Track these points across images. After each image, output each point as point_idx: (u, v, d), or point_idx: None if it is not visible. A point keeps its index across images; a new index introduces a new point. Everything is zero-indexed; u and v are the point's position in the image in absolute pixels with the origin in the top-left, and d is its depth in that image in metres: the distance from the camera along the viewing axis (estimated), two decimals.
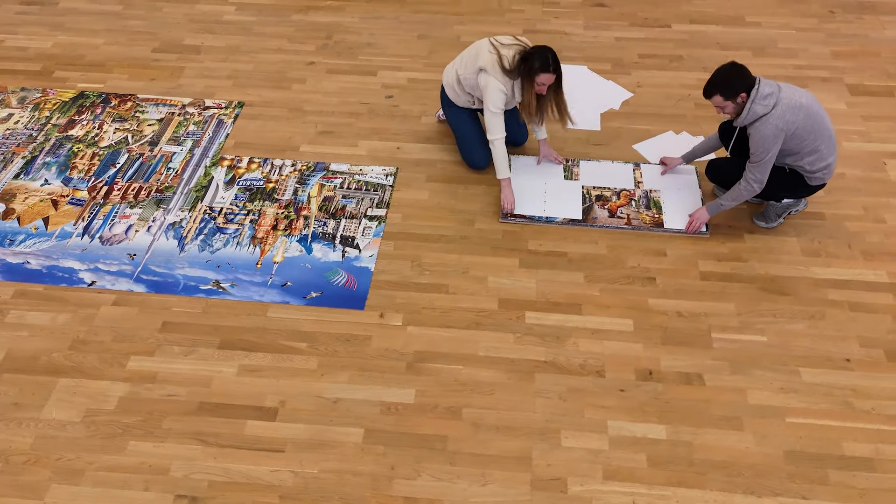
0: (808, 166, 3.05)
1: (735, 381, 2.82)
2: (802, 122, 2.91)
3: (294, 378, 2.85)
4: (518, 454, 2.61)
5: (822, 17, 4.72)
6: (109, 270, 3.27)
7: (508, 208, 3.43)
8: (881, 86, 4.17)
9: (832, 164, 3.08)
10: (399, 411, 2.75)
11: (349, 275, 3.24)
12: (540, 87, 3.25)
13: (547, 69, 3.17)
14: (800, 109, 2.91)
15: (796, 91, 2.97)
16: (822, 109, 3.02)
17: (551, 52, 3.21)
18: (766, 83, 2.93)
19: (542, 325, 3.02)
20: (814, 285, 3.15)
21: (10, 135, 3.96)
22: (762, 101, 2.90)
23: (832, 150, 3.05)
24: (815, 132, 2.96)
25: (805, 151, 3.00)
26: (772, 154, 2.96)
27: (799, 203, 3.31)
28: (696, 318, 3.04)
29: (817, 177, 3.09)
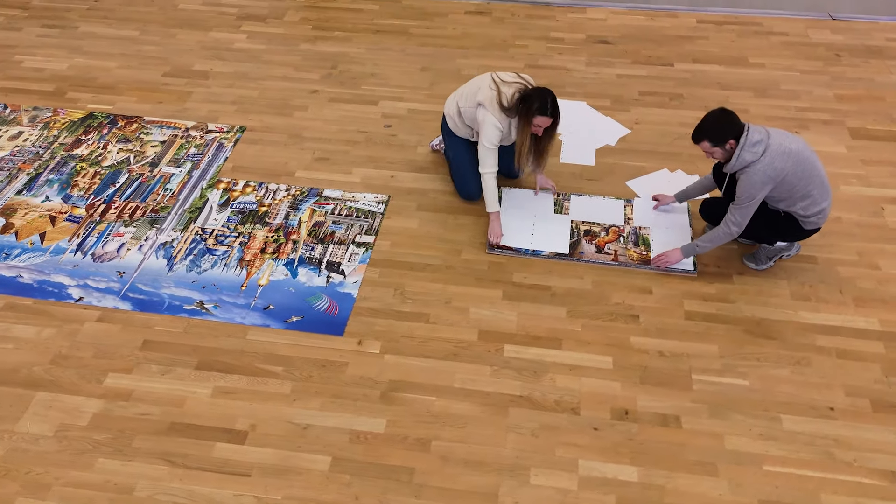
0: (801, 211, 3.00)
1: (713, 425, 2.75)
2: (792, 168, 2.87)
3: (267, 402, 2.85)
4: (485, 490, 2.57)
5: (827, 60, 4.70)
6: (97, 287, 3.31)
7: (495, 241, 3.43)
8: (884, 130, 4.12)
9: (826, 209, 3.03)
10: (368, 440, 2.72)
11: (331, 300, 3.25)
12: (536, 129, 3.27)
13: (545, 113, 3.17)
14: (789, 156, 2.87)
15: (786, 137, 2.93)
16: (813, 155, 2.98)
17: (551, 95, 3.20)
18: (755, 129, 2.89)
19: (520, 359, 2.99)
20: (801, 330, 3.08)
21: (18, 152, 4.07)
22: (751, 149, 2.86)
23: (826, 195, 3.00)
24: (806, 178, 2.92)
25: (797, 197, 2.96)
26: (757, 200, 2.93)
27: (791, 247, 3.26)
28: (677, 358, 2.98)
29: (811, 221, 3.04)
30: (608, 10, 5.23)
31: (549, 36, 4.96)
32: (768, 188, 2.90)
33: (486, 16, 5.20)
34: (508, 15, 5.20)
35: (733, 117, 2.93)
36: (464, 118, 3.52)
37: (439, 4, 5.34)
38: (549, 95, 3.20)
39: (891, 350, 2.99)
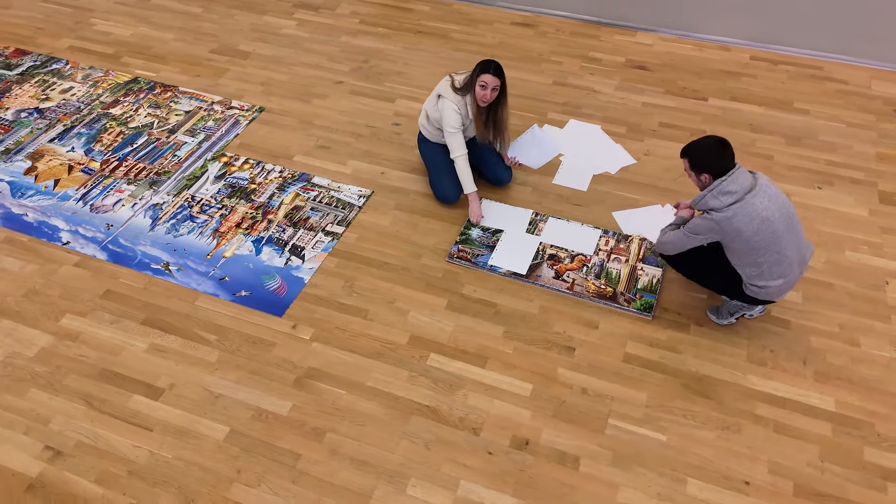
0: (745, 275, 2.80)
1: (612, 473, 2.61)
2: (750, 234, 2.64)
3: (191, 366, 2.98)
4: (360, 490, 2.57)
5: (881, 115, 4.30)
6: (85, 235, 3.58)
7: (475, 221, 3.52)
8: None
9: (773, 289, 2.76)
10: (268, 420, 2.79)
11: (283, 282, 3.35)
12: (482, 94, 3.34)
13: (488, 70, 3.31)
14: (754, 221, 2.63)
15: (768, 201, 2.65)
16: (784, 230, 2.67)
17: (493, 61, 3.36)
18: (736, 178, 2.66)
19: (441, 370, 2.96)
20: (744, 395, 2.85)
21: (64, 104, 4.46)
22: (719, 196, 2.67)
23: (780, 276, 2.73)
24: (760, 250, 2.68)
25: (746, 261, 2.75)
26: (699, 239, 2.79)
27: (752, 309, 3.02)
28: (599, 399, 2.85)
29: (752, 290, 2.81)
30: (658, 36, 5.03)
31: (587, 55, 4.84)
32: (711, 237, 2.76)
33: (531, 28, 5.14)
34: (553, 30, 5.12)
35: (726, 153, 2.71)
36: (432, 121, 3.63)
37: (488, 12, 5.33)
38: (490, 61, 3.36)
39: (838, 435, 2.72)
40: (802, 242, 2.81)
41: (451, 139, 3.47)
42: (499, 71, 3.35)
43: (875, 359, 2.98)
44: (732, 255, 2.80)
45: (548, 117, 4.31)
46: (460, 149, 3.48)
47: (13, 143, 4.14)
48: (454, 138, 3.47)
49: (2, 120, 4.32)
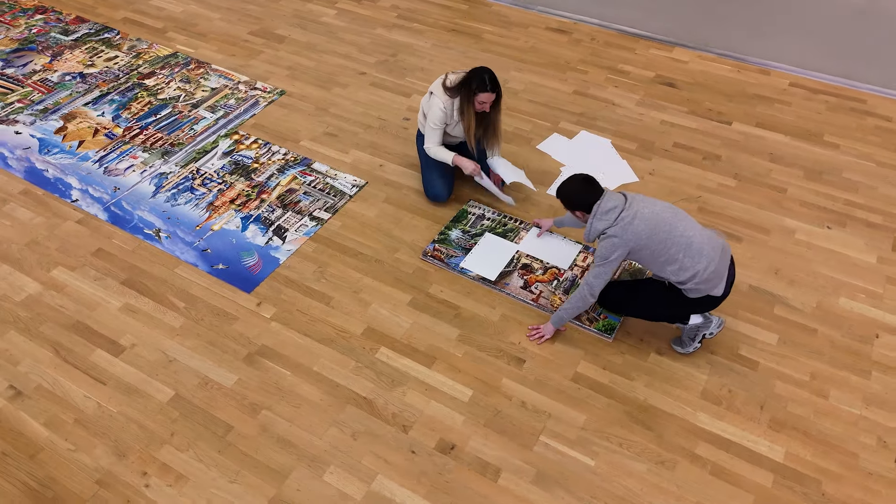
0: (673, 277, 2.72)
1: (530, 491, 2.56)
2: (647, 232, 2.66)
3: (155, 329, 3.12)
4: (279, 469, 2.63)
5: None
6: (93, 195, 3.80)
7: (473, 171, 3.54)
8: None
9: (701, 273, 2.67)
10: (212, 390, 2.89)
11: (260, 260, 3.44)
12: (481, 106, 3.36)
13: (485, 89, 3.29)
14: (644, 220, 2.68)
15: (647, 202, 2.74)
16: (675, 219, 2.71)
17: (489, 72, 3.32)
18: (609, 197, 2.75)
19: (387, 365, 2.98)
20: (688, 432, 2.73)
21: (105, 71, 4.73)
22: (603, 217, 2.72)
23: (699, 259, 2.67)
24: (666, 242, 2.66)
25: (661, 261, 2.70)
26: (610, 261, 2.72)
27: (709, 324, 2.88)
28: (536, 414, 2.79)
29: (690, 288, 2.72)
30: (696, 54, 4.85)
31: (615, 67, 4.72)
32: (621, 251, 2.70)
33: (566, 35, 5.06)
34: (588, 38, 5.02)
35: (590, 188, 2.79)
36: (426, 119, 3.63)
37: (526, 16, 5.28)
38: (486, 72, 3.32)
39: (779, 488, 2.56)
40: (705, 231, 2.75)
41: (430, 133, 3.51)
42: (495, 85, 3.32)
43: (841, 414, 2.78)
44: (649, 264, 2.75)
45: (559, 126, 4.23)
46: (434, 144, 3.54)
47: (52, 104, 4.43)
48: (433, 134, 3.51)
49: (47, 81, 4.63)
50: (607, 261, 2.74)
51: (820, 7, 4.34)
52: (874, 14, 4.22)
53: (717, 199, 3.73)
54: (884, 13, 4.19)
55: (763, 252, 3.44)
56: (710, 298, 2.73)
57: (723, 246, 2.75)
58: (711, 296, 2.72)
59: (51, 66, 4.77)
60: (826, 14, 4.35)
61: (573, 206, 2.83)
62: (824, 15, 4.35)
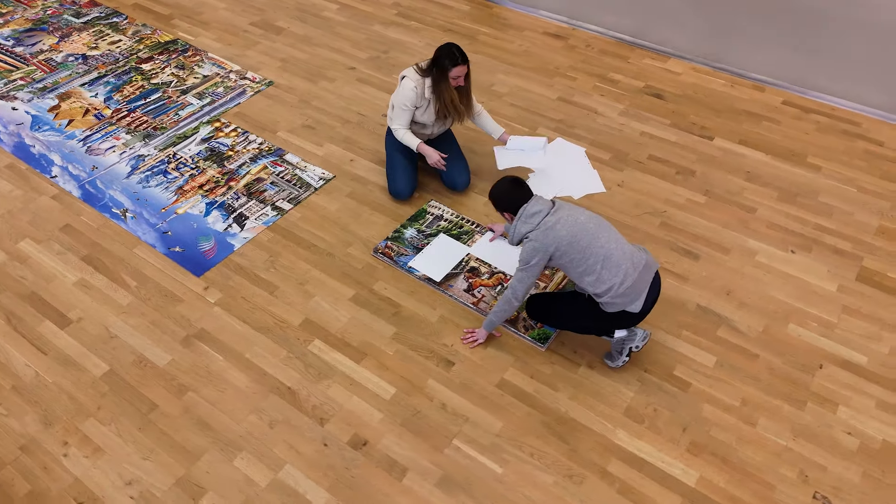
0: (590, 288, 2.68)
1: (432, 493, 2.56)
2: (568, 239, 2.64)
3: (103, 305, 3.22)
4: (192, 451, 2.68)
5: None
6: (71, 172, 3.94)
7: (438, 163, 3.56)
8: None
9: (616, 287, 2.63)
10: (145, 368, 2.97)
11: (216, 245, 3.52)
12: (456, 80, 3.43)
13: (456, 63, 3.38)
14: (567, 227, 2.66)
15: (573, 210, 2.73)
16: (599, 230, 2.68)
17: (455, 46, 3.43)
18: (536, 202, 2.75)
19: (318, 357, 3.01)
20: (603, 448, 2.68)
21: (107, 54, 4.89)
22: (528, 220, 2.71)
23: (616, 273, 2.63)
24: (585, 251, 2.64)
25: (579, 271, 2.67)
26: (532, 266, 2.71)
27: (634, 336, 2.82)
28: (455, 417, 2.79)
29: (606, 302, 2.67)
30: (690, 66, 4.74)
31: (606, 75, 4.65)
32: (541, 256, 2.68)
33: (561, 40, 5.00)
34: (583, 45, 4.95)
35: (518, 191, 2.79)
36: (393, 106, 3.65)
37: (525, 19, 5.24)
38: (454, 47, 3.42)
39: None
40: (628, 246, 2.72)
41: (399, 113, 3.52)
42: (464, 57, 3.40)
43: (766, 443, 2.70)
44: (570, 273, 2.72)
45: (536, 132, 4.20)
46: (402, 125, 3.55)
47: (51, 83, 4.61)
48: (403, 113, 3.51)
49: (51, 61, 4.81)
50: (528, 265, 2.71)
51: (822, 23, 4.19)
52: (875, 31, 4.05)
53: (682, 214, 3.64)
54: (886, 29, 4.02)
55: (718, 272, 3.35)
56: (628, 314, 2.68)
57: (646, 262, 2.69)
58: (628, 311, 2.67)
59: (57, 46, 4.95)
60: (829, 31, 4.20)
61: (501, 207, 2.82)
62: (827, 32, 4.20)
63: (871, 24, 4.05)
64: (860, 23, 4.07)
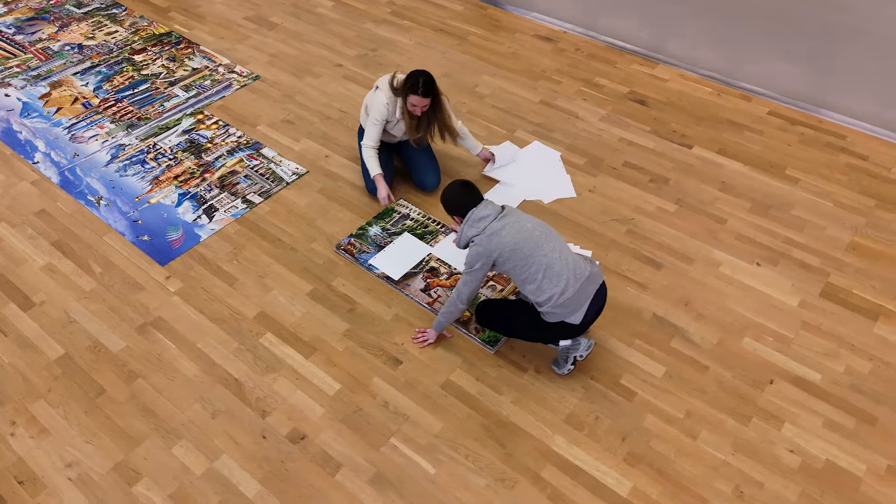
0: (532, 297, 2.68)
1: (363, 490, 2.57)
2: (512, 245, 2.65)
3: (67, 290, 3.28)
4: (134, 436, 2.73)
5: (884, 201, 3.73)
6: (53, 159, 4.02)
7: (384, 201, 3.54)
8: (868, 302, 3.22)
9: (556, 298, 2.62)
10: (99, 353, 3.02)
11: (183, 235, 3.57)
12: (412, 108, 3.38)
13: (416, 91, 3.30)
14: (510, 233, 2.67)
15: (521, 217, 2.74)
16: (544, 239, 2.68)
17: (425, 75, 3.31)
18: (484, 206, 2.75)
19: (268, 351, 3.04)
20: (539, 453, 2.67)
21: (102, 45, 4.98)
22: (475, 224, 2.72)
23: (557, 283, 2.62)
24: (528, 259, 2.64)
25: (522, 279, 2.67)
26: (476, 270, 2.71)
27: (578, 346, 2.81)
28: (396, 416, 2.79)
29: (546, 311, 2.67)
30: (679, 73, 4.68)
31: (591, 80, 4.62)
32: (484, 261, 2.69)
33: (551, 43, 4.98)
34: (573, 48, 4.92)
35: (470, 194, 2.80)
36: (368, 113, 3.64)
37: (518, 21, 5.22)
38: (422, 76, 3.31)
39: None
40: (572, 257, 2.70)
41: (370, 128, 3.52)
42: (428, 90, 3.30)
43: (705, 457, 2.66)
44: (514, 279, 2.72)
45: (514, 135, 4.18)
46: (373, 141, 3.53)
47: (45, 71, 4.71)
48: (373, 128, 3.51)
49: (48, 49, 4.91)
50: (472, 269, 2.72)
51: (815, 34, 4.11)
52: (869, 40, 3.96)
53: (650, 223, 3.61)
54: (880, 36, 3.92)
55: (679, 282, 3.31)
56: (568, 325, 2.67)
57: (590, 274, 2.68)
58: (568, 322, 2.66)
59: (56, 35, 5.06)
60: (822, 42, 4.11)
61: (450, 210, 2.82)
62: (819, 43, 4.12)
63: (866, 34, 3.96)
64: (855, 32, 3.99)
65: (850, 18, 3.96)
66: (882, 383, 2.90)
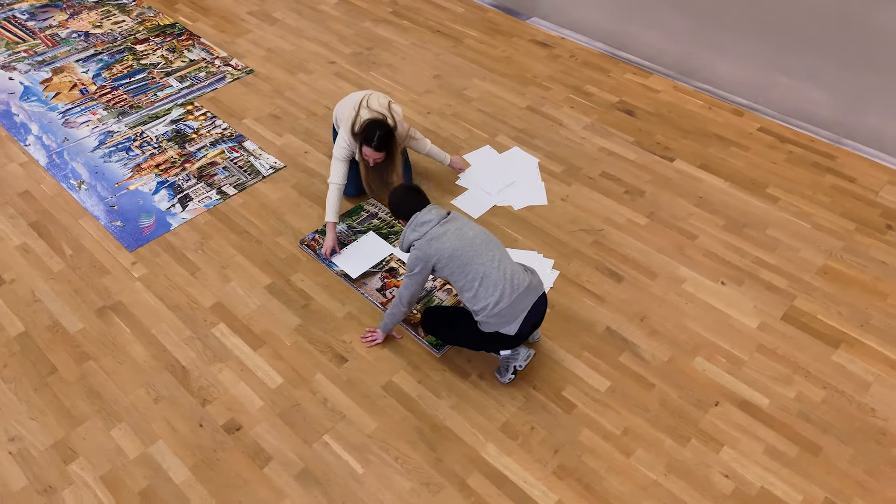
0: (469, 304, 2.69)
1: (288, 485, 2.59)
2: (450, 252, 2.64)
3: (38, 269, 3.38)
4: (76, 416, 2.80)
5: (865, 225, 3.61)
6: (44, 142, 4.14)
7: (325, 253, 3.39)
8: (832, 328, 3.12)
9: (490, 308, 2.62)
10: (57, 333, 3.10)
11: (156, 222, 3.64)
12: (366, 159, 3.30)
13: (370, 144, 3.21)
14: (450, 240, 2.67)
15: (466, 225, 2.73)
16: (485, 248, 2.66)
17: (381, 129, 3.19)
18: (428, 211, 2.75)
19: (218, 341, 3.08)
20: (469, 460, 2.66)
21: (107, 34, 5.11)
22: (418, 228, 2.72)
23: (492, 292, 2.61)
24: (465, 267, 2.64)
25: (459, 286, 2.67)
26: (415, 274, 2.72)
27: (517, 356, 2.80)
28: (332, 413, 2.81)
29: (481, 320, 2.67)
30: (673, 84, 4.60)
31: (581, 87, 4.57)
32: (422, 266, 2.70)
33: (547, 49, 4.94)
34: (568, 55, 4.87)
35: (414, 198, 2.81)
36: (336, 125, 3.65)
37: (517, 25, 5.20)
38: (378, 129, 3.19)
39: None
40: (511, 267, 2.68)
41: (334, 165, 3.38)
42: (382, 144, 3.20)
43: (636, 476, 2.61)
44: (453, 284, 2.72)
45: (495, 140, 4.17)
46: (337, 178, 3.37)
47: (50, 56, 4.85)
48: (337, 165, 3.38)
49: (56, 36, 5.06)
50: (412, 273, 2.72)
51: (822, 53, 4.01)
52: (874, 57, 3.85)
53: (618, 234, 3.56)
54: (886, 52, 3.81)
55: (638, 296, 3.26)
56: (504, 335, 2.65)
57: (528, 285, 2.66)
58: (503, 333, 2.64)
59: (65, 23, 5.21)
60: (829, 61, 4.01)
61: (396, 213, 2.83)
62: (826, 62, 4.02)
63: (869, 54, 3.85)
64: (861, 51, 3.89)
65: (855, 34, 3.85)
66: (832, 413, 2.82)
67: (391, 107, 3.41)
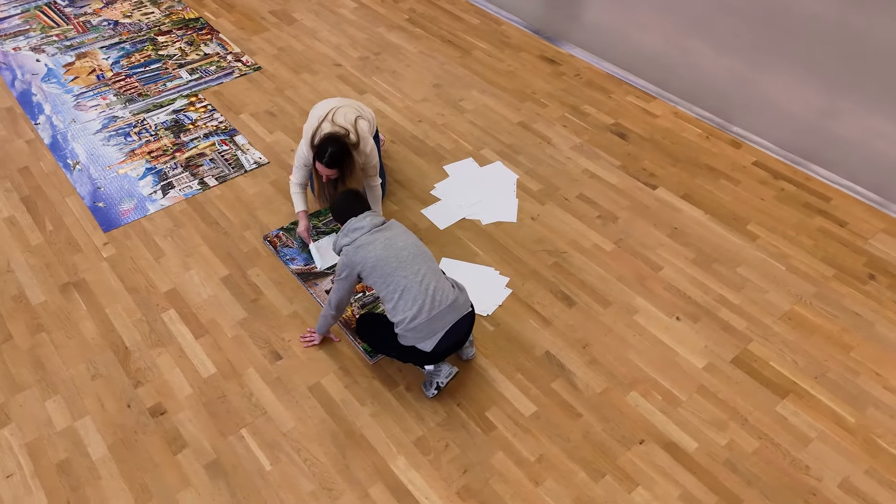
0: (389, 315, 2.70)
1: (197, 473, 2.64)
2: (374, 262, 2.66)
3: (18, 242, 3.56)
4: (18, 384, 2.93)
5: (846, 273, 3.41)
6: (53, 123, 4.36)
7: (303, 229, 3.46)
8: (782, 377, 2.96)
9: (407, 322, 2.62)
10: (21, 303, 3.26)
11: (135, 206, 3.78)
12: (320, 173, 3.24)
13: (321, 160, 3.14)
14: (377, 249, 2.67)
15: (399, 236, 2.74)
16: (411, 261, 2.65)
17: (335, 146, 3.11)
18: (362, 218, 2.75)
19: (165, 327, 3.18)
20: (376, 471, 2.65)
21: (134, 24, 5.35)
22: (349, 234, 2.74)
23: (410, 307, 2.61)
24: (387, 278, 2.65)
25: (382, 295, 2.70)
26: (342, 279, 2.75)
27: (439, 372, 2.79)
28: (254, 409, 2.85)
29: (399, 333, 2.67)
30: (673, 109, 4.47)
31: (579, 107, 4.49)
32: (348, 272, 2.73)
33: (553, 65, 4.88)
34: (573, 73, 4.80)
35: (350, 204, 2.83)
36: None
37: (528, 40, 5.15)
38: (331, 146, 3.11)
39: None
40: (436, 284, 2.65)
41: (297, 171, 3.39)
42: (334, 162, 3.11)
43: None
44: (376, 290, 2.71)
45: (479, 153, 4.15)
46: (298, 178, 3.40)
47: (78, 42, 5.11)
48: (300, 171, 3.39)
49: (87, 23, 5.32)
50: (340, 278, 2.75)
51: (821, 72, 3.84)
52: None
53: (580, 259, 3.48)
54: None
55: (585, 324, 3.18)
56: (421, 350, 2.64)
57: (452, 303, 2.64)
58: (419, 348, 2.63)
59: (99, 11, 5.47)
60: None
61: (335, 217, 2.86)
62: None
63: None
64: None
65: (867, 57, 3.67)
66: (762, 465, 2.68)
67: (357, 123, 3.32)
